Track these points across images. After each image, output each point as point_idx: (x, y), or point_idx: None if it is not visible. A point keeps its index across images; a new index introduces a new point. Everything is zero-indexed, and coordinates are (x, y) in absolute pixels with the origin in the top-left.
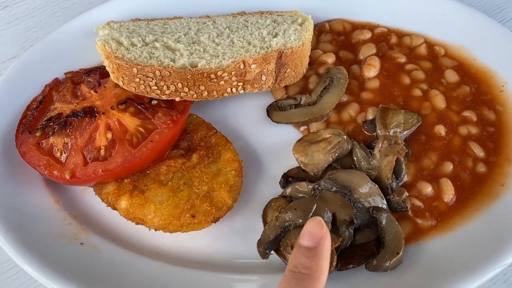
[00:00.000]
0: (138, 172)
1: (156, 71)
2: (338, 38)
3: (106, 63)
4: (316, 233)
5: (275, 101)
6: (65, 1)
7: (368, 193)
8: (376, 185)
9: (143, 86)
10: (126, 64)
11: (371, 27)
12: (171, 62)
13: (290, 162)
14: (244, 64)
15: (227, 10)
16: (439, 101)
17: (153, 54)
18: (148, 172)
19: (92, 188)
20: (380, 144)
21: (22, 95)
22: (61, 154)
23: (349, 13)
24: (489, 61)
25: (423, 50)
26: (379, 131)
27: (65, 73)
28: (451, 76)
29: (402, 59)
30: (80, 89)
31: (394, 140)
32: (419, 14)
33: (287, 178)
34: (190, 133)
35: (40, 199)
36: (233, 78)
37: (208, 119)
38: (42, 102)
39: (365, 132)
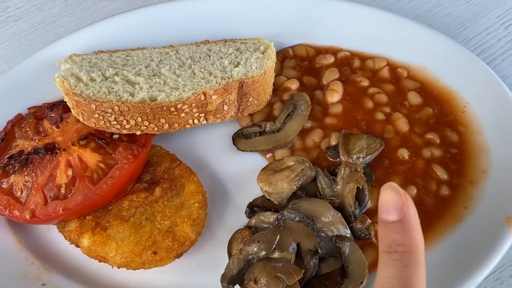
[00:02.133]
0: (100, 209)
1: (115, 107)
2: (302, 64)
3: (66, 99)
4: (397, 203)
5: (240, 129)
6: (31, 32)
7: (331, 221)
8: (339, 213)
9: (103, 122)
10: (84, 100)
11: (334, 51)
12: (130, 97)
13: (256, 191)
14: (204, 95)
15: (191, 38)
16: (402, 124)
17: (112, 89)
18: (110, 208)
19: (55, 226)
20: (342, 171)
21: None
22: (22, 193)
23: (313, 38)
24: (451, 82)
25: (386, 72)
26: (342, 157)
27: (28, 108)
28: (414, 98)
29: (365, 82)
30: (42, 124)
31: (354, 168)
32: (381, 36)
33: (253, 208)
34: (153, 166)
35: (2, 239)
36: (194, 110)
37: (172, 150)
38: (4, 139)
39: (329, 158)
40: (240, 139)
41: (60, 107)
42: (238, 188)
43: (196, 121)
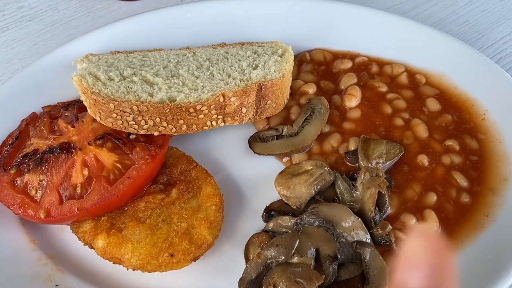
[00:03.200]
0: (116, 209)
1: (134, 106)
2: (319, 68)
3: (83, 98)
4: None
5: (256, 132)
6: (45, 32)
7: (351, 227)
8: (359, 219)
9: (121, 121)
10: (103, 99)
11: (351, 56)
12: (149, 97)
13: (273, 194)
14: (223, 97)
15: (207, 41)
16: (421, 130)
17: (131, 88)
18: (126, 209)
19: (69, 226)
20: (362, 176)
21: None
22: (36, 192)
23: (330, 42)
24: (470, 89)
25: (404, 78)
26: (361, 162)
27: (43, 107)
28: (433, 105)
29: (383, 88)
30: (57, 123)
31: (375, 173)
32: (399, 42)
33: (270, 212)
34: (169, 167)
35: (15, 239)
36: (213, 112)
37: (188, 152)
38: (18, 137)
39: (348, 163)
40: (256, 142)
41: (75, 107)
42: (254, 192)
43: (214, 123)
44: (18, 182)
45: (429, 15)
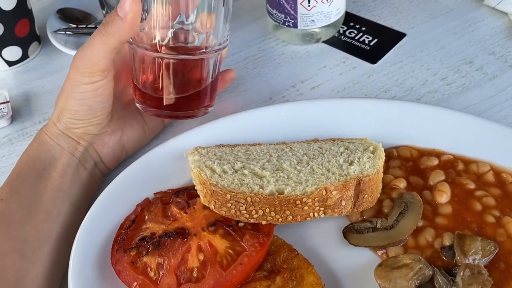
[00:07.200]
0: None
1: (248, 198)
2: (407, 164)
3: (199, 188)
4: None
5: (351, 224)
6: None
7: None
8: None
9: (234, 210)
10: (221, 191)
11: (437, 154)
12: (260, 189)
13: (371, 286)
14: (325, 190)
15: (301, 136)
16: None
17: (243, 181)
18: None
19: None
20: (462, 273)
21: (116, 213)
22: (155, 274)
23: (414, 140)
24: None
25: (490, 177)
26: (458, 258)
27: (155, 193)
28: None
29: (471, 185)
30: (170, 209)
31: (477, 270)
32: (480, 141)
33: None
34: (272, 255)
35: None
36: (316, 204)
37: (286, 240)
38: (135, 221)
39: (444, 258)
40: (351, 233)
41: (184, 194)
42: (351, 282)
43: (316, 214)
44: (137, 263)
45: (505, 115)
